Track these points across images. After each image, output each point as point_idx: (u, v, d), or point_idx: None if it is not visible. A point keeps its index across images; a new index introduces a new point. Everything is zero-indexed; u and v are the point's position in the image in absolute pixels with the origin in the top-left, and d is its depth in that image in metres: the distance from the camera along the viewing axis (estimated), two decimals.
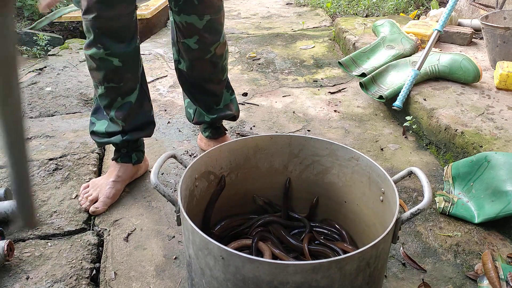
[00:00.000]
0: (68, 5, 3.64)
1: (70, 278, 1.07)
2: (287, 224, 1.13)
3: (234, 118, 1.57)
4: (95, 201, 1.32)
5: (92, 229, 1.27)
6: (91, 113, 1.39)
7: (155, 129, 1.44)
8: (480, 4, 2.65)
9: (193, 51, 1.34)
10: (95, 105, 1.37)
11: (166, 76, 2.37)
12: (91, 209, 1.30)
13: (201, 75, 1.41)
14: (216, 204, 1.10)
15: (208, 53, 1.35)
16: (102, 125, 1.35)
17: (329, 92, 2.16)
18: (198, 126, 1.72)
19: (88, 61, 1.25)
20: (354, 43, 2.48)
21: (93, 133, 1.38)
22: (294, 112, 1.96)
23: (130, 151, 1.39)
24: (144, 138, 1.47)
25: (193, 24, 1.28)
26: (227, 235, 1.11)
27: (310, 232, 1.10)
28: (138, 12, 1.31)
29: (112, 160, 1.41)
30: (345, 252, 0.99)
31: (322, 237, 1.08)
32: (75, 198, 1.36)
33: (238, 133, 1.78)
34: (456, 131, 1.53)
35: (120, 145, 1.37)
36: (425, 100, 1.76)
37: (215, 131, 1.57)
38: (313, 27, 3.27)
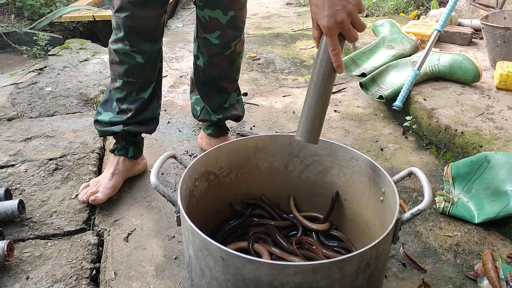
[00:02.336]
0: (68, 5, 3.64)
1: (70, 278, 1.07)
2: (283, 225, 1.13)
3: (239, 118, 1.58)
4: (95, 193, 1.32)
5: (92, 229, 1.27)
6: (100, 104, 1.41)
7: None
8: (480, 4, 2.65)
9: (213, 46, 1.35)
10: (107, 96, 1.40)
11: (166, 76, 2.36)
12: (91, 197, 1.30)
13: (218, 71, 1.43)
14: (216, 204, 1.10)
15: (228, 49, 1.36)
16: (106, 116, 1.38)
17: None
18: (201, 124, 1.72)
19: (111, 55, 1.29)
20: (354, 43, 2.48)
21: (96, 122, 1.40)
22: (294, 112, 1.96)
23: (128, 145, 1.40)
24: (144, 138, 1.47)
25: (217, 18, 1.30)
26: (226, 237, 1.11)
27: (302, 234, 1.10)
28: None
29: (110, 151, 1.43)
30: (327, 258, 0.99)
31: (310, 240, 1.08)
32: (75, 198, 1.36)
33: (238, 133, 1.78)
34: (456, 131, 1.53)
35: (120, 134, 1.38)
36: (425, 100, 1.76)
37: (218, 129, 1.58)
38: None
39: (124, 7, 1.19)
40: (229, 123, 1.81)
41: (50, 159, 1.56)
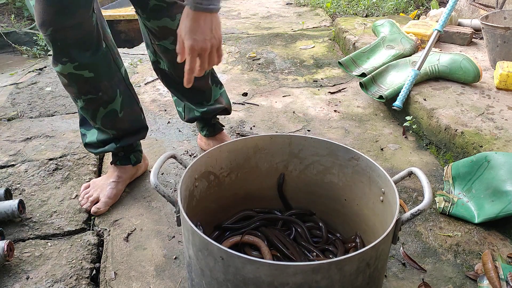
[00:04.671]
0: None
1: (70, 278, 1.07)
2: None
3: (226, 111, 1.54)
4: (96, 201, 1.32)
5: (92, 229, 1.27)
6: (79, 125, 1.35)
7: (155, 129, 1.44)
8: (480, 4, 2.65)
9: (171, 51, 1.29)
10: (80, 116, 1.34)
11: None
12: (93, 209, 1.30)
13: (183, 74, 1.40)
14: (216, 204, 1.10)
15: None
16: (93, 135, 1.33)
17: (329, 92, 2.16)
18: (196, 126, 1.71)
19: (59, 78, 1.19)
20: (354, 43, 2.48)
21: (86, 145, 1.36)
22: (294, 112, 1.96)
23: (128, 153, 1.39)
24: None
25: (166, 26, 1.24)
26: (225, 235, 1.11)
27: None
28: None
29: (111, 164, 1.40)
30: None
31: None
32: (75, 198, 1.36)
33: (238, 133, 1.78)
34: (456, 131, 1.53)
35: (116, 151, 1.36)
36: (425, 100, 1.76)
37: (211, 129, 1.57)
38: (313, 27, 3.27)
39: (48, 20, 1.05)
40: (229, 123, 1.81)
41: (50, 159, 1.56)
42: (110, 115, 1.27)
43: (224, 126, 1.64)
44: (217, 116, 1.59)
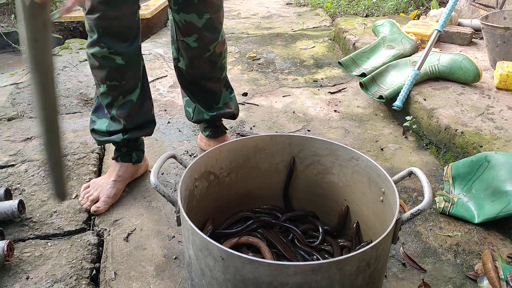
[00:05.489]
0: None
1: (70, 278, 1.07)
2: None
3: (233, 116, 1.57)
4: (96, 201, 1.32)
5: (92, 229, 1.27)
6: (92, 112, 1.39)
7: (155, 129, 1.44)
8: (480, 4, 2.65)
9: (192, 49, 1.34)
10: (96, 103, 1.37)
11: (166, 76, 2.37)
12: (93, 208, 1.30)
13: (200, 73, 1.41)
14: (216, 204, 1.10)
15: (207, 51, 1.35)
16: (103, 124, 1.35)
17: (329, 92, 2.15)
18: (198, 125, 1.72)
19: (90, 60, 1.25)
20: (354, 43, 2.48)
21: (93, 131, 1.38)
22: (294, 112, 1.96)
23: (131, 150, 1.39)
24: (144, 138, 1.47)
25: (192, 22, 1.28)
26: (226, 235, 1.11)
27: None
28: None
29: (112, 159, 1.41)
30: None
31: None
32: (75, 198, 1.36)
33: (238, 133, 1.78)
34: (456, 131, 1.53)
35: (120, 143, 1.37)
36: (425, 100, 1.76)
37: (215, 130, 1.57)
38: (313, 27, 3.27)
39: (95, 7, 1.14)
40: (229, 123, 1.81)
41: None
42: (126, 105, 1.31)
43: (227, 130, 1.64)
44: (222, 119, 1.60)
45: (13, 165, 1.53)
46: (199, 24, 1.28)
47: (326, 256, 1.03)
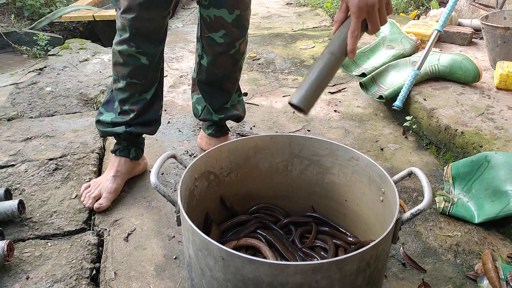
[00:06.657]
0: (68, 5, 3.64)
1: (70, 278, 1.07)
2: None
3: (239, 118, 1.58)
4: (98, 198, 1.32)
5: (92, 229, 1.27)
6: (102, 104, 1.41)
7: None
8: (480, 4, 2.65)
9: (218, 45, 1.35)
10: (108, 97, 1.40)
11: (166, 76, 2.36)
12: (95, 205, 1.30)
13: (222, 71, 1.43)
14: (216, 204, 1.10)
15: (233, 48, 1.37)
16: (108, 116, 1.38)
17: (329, 92, 2.16)
18: (201, 124, 1.72)
19: (115, 56, 1.29)
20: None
21: (98, 122, 1.40)
22: (294, 112, 1.96)
23: (130, 146, 1.40)
24: (145, 138, 1.47)
25: (222, 17, 1.30)
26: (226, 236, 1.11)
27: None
28: None
29: (111, 152, 1.42)
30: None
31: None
32: (75, 198, 1.36)
33: (238, 133, 1.78)
34: (456, 131, 1.53)
35: (122, 136, 1.38)
36: (425, 100, 1.76)
37: (218, 129, 1.58)
38: (313, 27, 3.27)
39: (132, 8, 1.19)
40: (229, 123, 1.81)
41: (50, 159, 1.56)
42: (139, 103, 1.34)
43: (230, 130, 1.65)
44: None
45: (13, 165, 1.53)
46: (228, 19, 1.30)
47: (323, 253, 1.03)
